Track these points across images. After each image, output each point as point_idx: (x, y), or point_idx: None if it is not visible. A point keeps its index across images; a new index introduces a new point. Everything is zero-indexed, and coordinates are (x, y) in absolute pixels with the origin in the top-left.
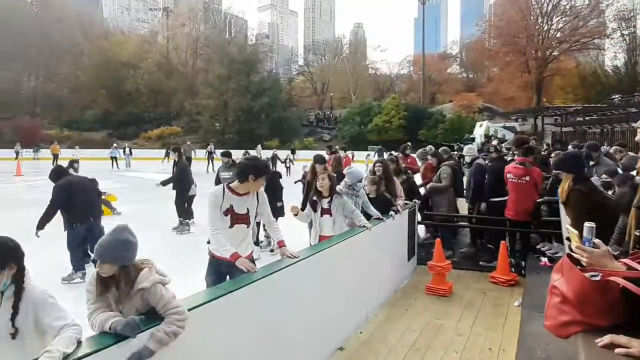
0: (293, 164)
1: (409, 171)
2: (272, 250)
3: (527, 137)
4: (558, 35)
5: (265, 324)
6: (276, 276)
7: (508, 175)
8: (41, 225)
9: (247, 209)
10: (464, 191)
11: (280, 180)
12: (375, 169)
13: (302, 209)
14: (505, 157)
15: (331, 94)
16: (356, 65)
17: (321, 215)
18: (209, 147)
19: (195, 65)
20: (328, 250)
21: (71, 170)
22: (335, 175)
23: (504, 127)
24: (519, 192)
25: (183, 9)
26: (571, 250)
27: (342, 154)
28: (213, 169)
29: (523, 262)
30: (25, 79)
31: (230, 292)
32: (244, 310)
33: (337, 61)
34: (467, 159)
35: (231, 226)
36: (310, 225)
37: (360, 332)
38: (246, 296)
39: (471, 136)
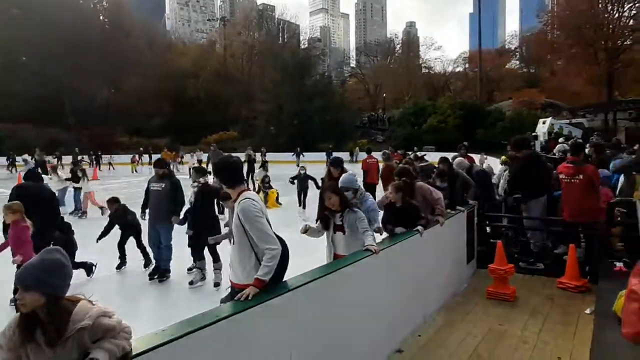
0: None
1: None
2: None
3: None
4: (631, 23)
5: (322, 324)
6: (332, 277)
7: (560, 175)
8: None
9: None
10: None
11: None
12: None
13: (318, 219)
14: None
15: (384, 95)
16: (409, 64)
17: (334, 232)
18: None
19: (250, 71)
20: (383, 252)
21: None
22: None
23: (570, 124)
24: (572, 192)
25: (239, 17)
26: None
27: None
28: None
29: (587, 267)
30: (98, 91)
31: (288, 291)
32: (302, 310)
33: (389, 61)
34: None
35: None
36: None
37: (419, 335)
38: (303, 297)
39: (533, 134)
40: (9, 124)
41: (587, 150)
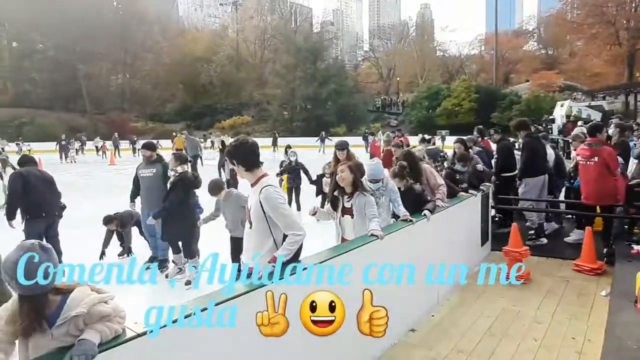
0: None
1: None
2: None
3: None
4: None
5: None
6: (346, 256)
7: (577, 158)
8: (9, 215)
9: (251, 205)
10: None
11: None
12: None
13: (323, 205)
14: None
15: (397, 79)
16: (423, 47)
17: (342, 215)
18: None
19: (263, 56)
20: (398, 231)
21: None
22: (361, 164)
23: (589, 107)
24: (588, 174)
25: (251, 1)
26: None
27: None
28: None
29: (605, 250)
30: (113, 76)
31: (304, 270)
32: (316, 286)
33: (403, 45)
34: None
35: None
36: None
37: (433, 315)
38: (317, 275)
39: (551, 117)
40: (29, 110)
41: (610, 132)
